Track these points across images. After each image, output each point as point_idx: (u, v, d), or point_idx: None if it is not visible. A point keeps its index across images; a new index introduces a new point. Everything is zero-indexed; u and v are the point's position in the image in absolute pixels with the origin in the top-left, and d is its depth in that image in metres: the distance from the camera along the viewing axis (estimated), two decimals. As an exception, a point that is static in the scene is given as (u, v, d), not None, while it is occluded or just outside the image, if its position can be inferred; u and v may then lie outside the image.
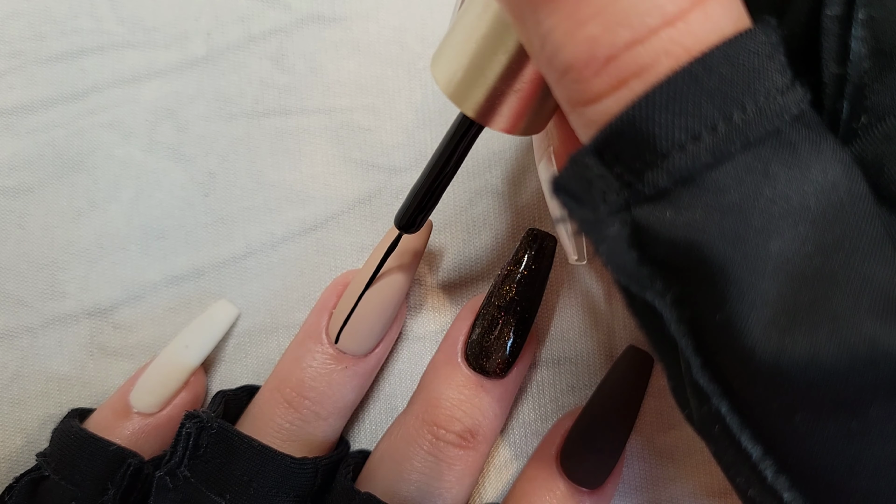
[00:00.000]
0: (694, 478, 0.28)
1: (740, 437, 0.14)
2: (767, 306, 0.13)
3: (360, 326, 0.25)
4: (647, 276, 0.15)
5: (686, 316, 0.14)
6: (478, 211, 0.29)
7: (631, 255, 0.15)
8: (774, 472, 0.14)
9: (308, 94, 0.29)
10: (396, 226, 0.23)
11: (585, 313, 0.28)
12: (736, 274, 0.13)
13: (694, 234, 0.14)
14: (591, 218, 0.15)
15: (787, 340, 0.13)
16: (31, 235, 0.28)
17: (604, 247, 0.14)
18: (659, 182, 0.14)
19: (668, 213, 0.14)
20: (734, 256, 0.13)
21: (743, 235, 0.13)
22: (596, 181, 0.15)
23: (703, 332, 0.14)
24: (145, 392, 0.26)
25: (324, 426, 0.25)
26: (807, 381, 0.13)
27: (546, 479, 0.25)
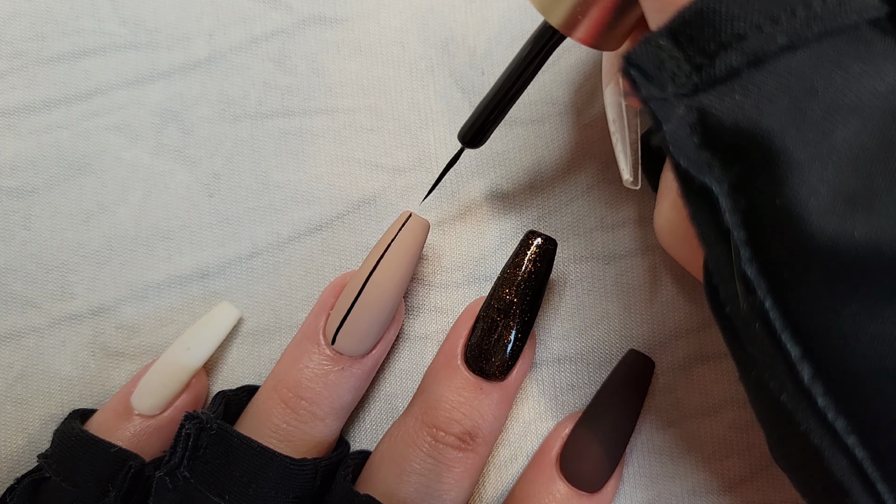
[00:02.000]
0: (693, 475, 0.27)
1: (781, 334, 0.14)
2: (829, 192, 0.13)
3: (356, 327, 0.24)
4: (707, 161, 0.15)
5: (741, 205, 0.14)
6: (481, 211, 0.28)
7: (693, 140, 0.15)
8: (811, 375, 0.14)
9: (311, 96, 0.28)
10: (460, 139, 0.24)
11: (585, 313, 0.28)
12: (799, 158, 0.13)
13: (761, 116, 0.14)
14: (659, 96, 0.15)
15: (848, 225, 0.13)
16: (39, 237, 0.28)
17: (669, 126, 0.15)
18: (732, 62, 0.14)
19: (737, 96, 0.14)
20: (799, 140, 0.13)
21: (810, 121, 0.14)
22: (667, 62, 0.15)
23: (758, 220, 0.14)
24: (147, 394, 0.25)
25: (321, 427, 0.25)
26: (863, 266, 0.13)
27: (545, 483, 0.25)
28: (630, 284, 0.28)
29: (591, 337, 0.28)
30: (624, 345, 0.28)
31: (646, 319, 0.28)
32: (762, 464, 0.27)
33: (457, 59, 0.29)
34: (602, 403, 0.26)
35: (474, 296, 0.28)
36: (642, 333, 0.28)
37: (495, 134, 0.28)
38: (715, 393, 0.28)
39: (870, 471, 0.14)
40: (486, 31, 0.29)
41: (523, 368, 0.26)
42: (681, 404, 0.28)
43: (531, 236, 0.25)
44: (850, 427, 0.14)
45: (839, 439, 0.14)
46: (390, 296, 0.25)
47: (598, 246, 0.28)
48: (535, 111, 0.29)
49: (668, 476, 0.28)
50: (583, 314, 0.28)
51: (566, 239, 0.28)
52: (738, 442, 0.28)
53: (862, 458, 0.14)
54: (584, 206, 0.28)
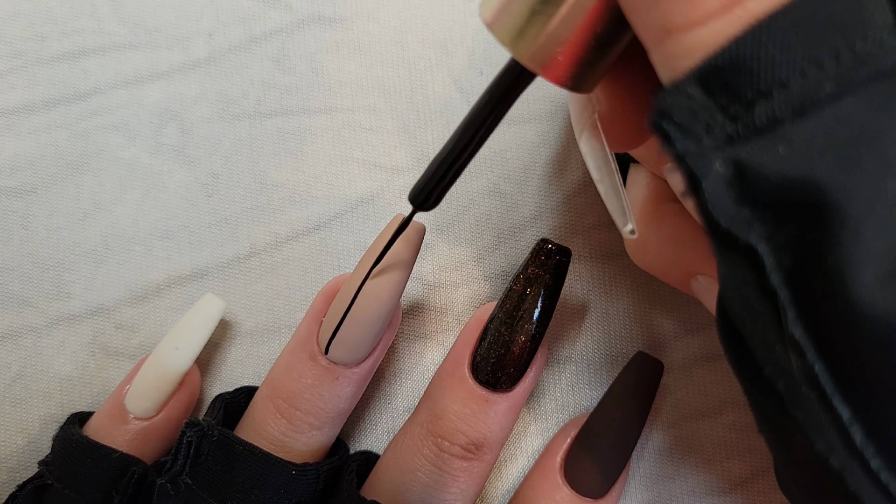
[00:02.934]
0: (693, 476, 0.27)
1: (832, 397, 0.13)
2: (884, 253, 0.12)
3: (350, 337, 0.23)
4: (747, 219, 0.13)
5: (786, 264, 0.13)
6: (480, 211, 0.28)
7: (730, 196, 0.13)
8: (863, 438, 0.13)
9: (310, 95, 0.28)
10: (412, 201, 0.20)
11: (585, 313, 0.28)
12: (854, 213, 0.12)
13: (811, 169, 0.13)
14: (697, 151, 0.13)
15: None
16: (36, 236, 0.28)
17: (707, 183, 0.13)
18: (776, 112, 0.13)
19: (781, 148, 0.13)
20: (851, 194, 0.12)
21: (863, 173, 0.12)
22: (700, 113, 0.13)
23: (804, 280, 0.13)
24: (140, 397, 0.25)
25: (318, 435, 0.24)
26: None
27: (549, 488, 0.25)
28: (629, 284, 0.28)
29: (591, 337, 0.28)
30: (623, 345, 0.28)
31: (645, 319, 0.28)
32: (763, 465, 0.27)
33: (456, 59, 0.29)
34: (608, 408, 0.26)
35: (473, 295, 0.28)
36: (641, 334, 0.28)
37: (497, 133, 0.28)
38: (715, 394, 0.28)
39: None
40: (485, 31, 0.29)
41: (532, 380, 0.25)
42: (681, 405, 0.28)
43: (543, 245, 0.24)
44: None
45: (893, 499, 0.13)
46: (382, 305, 0.23)
47: (597, 245, 0.28)
48: (533, 110, 0.28)
49: (668, 477, 0.27)
50: (581, 314, 0.28)
51: (564, 238, 0.28)
52: (738, 443, 0.27)
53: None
54: (583, 204, 0.28)
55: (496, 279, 0.28)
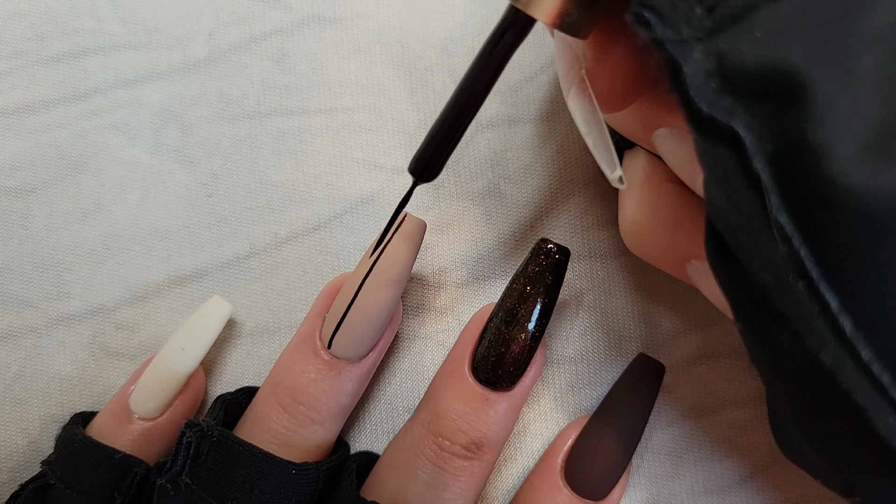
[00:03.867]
0: (692, 475, 0.27)
1: (819, 283, 0.13)
2: (861, 127, 0.12)
3: (352, 331, 0.24)
4: (728, 107, 0.14)
5: (768, 149, 0.13)
6: (480, 211, 0.28)
7: (710, 85, 0.14)
8: (853, 327, 0.13)
9: (309, 95, 0.28)
10: (411, 172, 0.20)
11: (585, 312, 0.28)
12: (829, 89, 0.13)
13: (786, 50, 0.13)
14: (675, 38, 0.14)
15: (882, 163, 0.12)
16: (36, 236, 0.27)
17: (689, 68, 0.14)
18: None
19: (757, 33, 0.13)
20: (827, 71, 0.13)
21: (835, 50, 0.13)
22: (679, 3, 0.14)
23: (786, 163, 0.13)
24: (145, 398, 0.25)
25: (320, 430, 0.24)
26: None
27: (549, 490, 0.25)
28: (628, 283, 0.28)
29: (590, 336, 0.28)
30: (623, 344, 0.28)
31: (644, 318, 0.28)
32: (763, 463, 0.27)
33: (456, 58, 0.29)
34: (609, 409, 0.26)
35: (473, 295, 0.28)
36: (641, 333, 0.28)
37: (493, 133, 0.28)
38: (715, 392, 0.27)
39: None
40: (485, 31, 0.29)
41: (532, 379, 0.25)
42: (680, 404, 0.28)
43: (543, 244, 0.24)
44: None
45: (887, 395, 0.13)
46: (385, 299, 0.24)
47: (596, 244, 0.28)
48: (532, 110, 0.28)
49: (668, 475, 0.27)
50: (581, 313, 0.28)
51: (563, 238, 0.28)
52: (738, 441, 0.27)
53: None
54: (582, 203, 0.28)
55: (496, 279, 0.28)
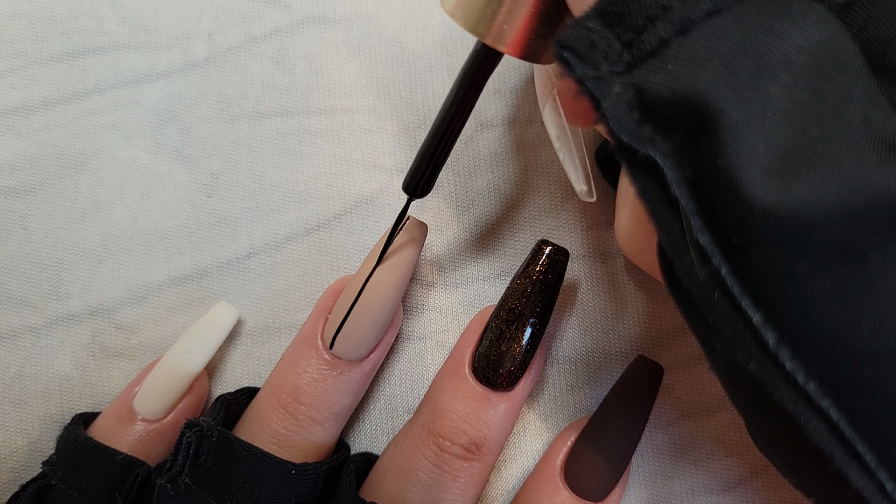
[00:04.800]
0: (692, 475, 0.27)
1: (741, 300, 0.14)
2: (767, 150, 0.13)
3: (354, 332, 0.24)
4: (649, 136, 0.15)
5: (687, 175, 0.14)
6: (479, 211, 0.28)
7: (632, 116, 0.15)
8: (776, 340, 0.13)
9: (309, 95, 0.28)
10: (405, 190, 0.22)
11: (584, 312, 0.28)
12: (735, 117, 0.13)
13: (695, 81, 0.14)
14: (594, 75, 0.15)
15: (788, 184, 0.13)
16: (35, 236, 0.27)
17: (607, 103, 0.14)
18: (661, 33, 0.14)
19: (670, 66, 0.14)
20: (734, 99, 0.14)
21: (742, 79, 0.14)
22: (598, 42, 0.15)
23: (703, 188, 0.14)
24: (149, 399, 0.25)
25: (320, 431, 0.24)
26: (807, 224, 0.13)
27: (549, 491, 0.25)
28: (628, 283, 0.28)
29: (589, 336, 0.28)
30: (622, 344, 0.28)
31: (644, 318, 0.28)
32: (761, 463, 0.27)
33: (455, 58, 0.28)
34: (609, 411, 0.26)
35: (473, 295, 0.28)
36: (641, 332, 0.28)
37: (492, 134, 0.28)
38: (713, 392, 0.27)
39: (847, 432, 0.14)
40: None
41: (531, 379, 0.25)
42: (679, 404, 0.27)
43: (543, 245, 0.24)
44: (822, 389, 0.13)
45: (813, 403, 0.14)
46: (388, 300, 0.24)
47: (595, 244, 0.28)
48: (531, 111, 0.28)
49: (667, 475, 0.27)
50: (580, 313, 0.28)
51: (563, 238, 0.28)
52: (736, 441, 0.27)
53: (838, 419, 0.13)
54: (581, 203, 0.28)
55: (496, 279, 0.28)
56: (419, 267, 0.28)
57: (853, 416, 0.14)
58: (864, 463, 0.14)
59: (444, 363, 0.26)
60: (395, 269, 0.24)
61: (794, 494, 0.27)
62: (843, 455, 0.14)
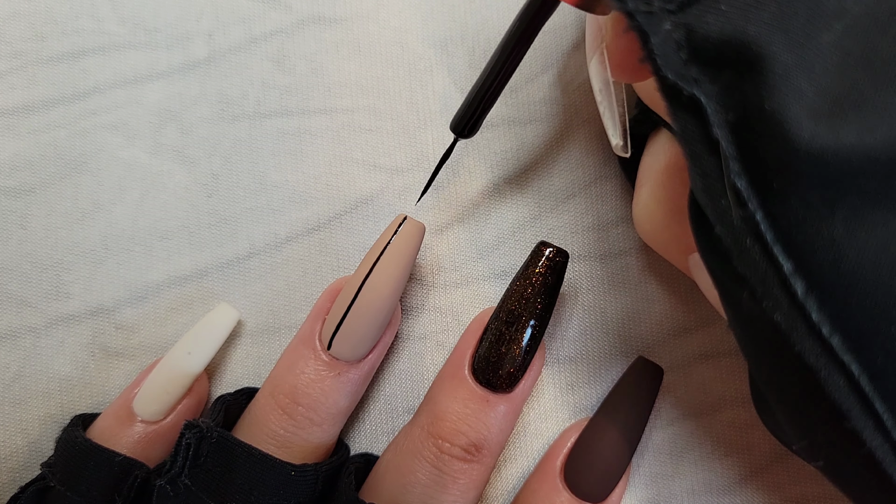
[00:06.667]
0: (692, 474, 0.27)
1: (773, 247, 0.14)
2: (815, 95, 0.13)
3: (352, 333, 0.24)
4: (695, 76, 0.14)
5: (730, 117, 0.14)
6: (480, 211, 0.28)
7: (679, 56, 0.14)
8: (805, 290, 0.13)
9: (309, 95, 0.28)
10: (453, 130, 0.23)
11: (583, 312, 0.28)
12: (786, 61, 0.13)
13: (747, 23, 0.14)
14: (646, 9, 0.15)
15: (836, 128, 0.13)
16: (35, 236, 0.27)
17: (656, 39, 0.14)
18: None
19: (723, 6, 0.14)
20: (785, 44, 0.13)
21: (795, 25, 0.13)
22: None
23: (747, 130, 0.14)
24: (149, 400, 0.25)
25: (318, 432, 0.24)
26: (852, 169, 0.13)
27: (549, 492, 0.25)
28: (628, 283, 0.28)
29: (590, 336, 0.28)
30: (622, 344, 0.28)
31: (644, 318, 0.28)
32: (762, 463, 0.27)
33: (456, 59, 0.28)
34: (608, 412, 0.25)
35: (473, 295, 0.28)
36: (641, 332, 0.28)
37: (493, 134, 0.28)
38: (714, 392, 0.27)
39: (867, 389, 0.13)
40: (485, 31, 0.29)
41: (531, 381, 0.25)
42: (680, 403, 0.27)
43: (542, 247, 0.24)
44: (846, 343, 0.13)
45: (835, 357, 0.13)
46: (385, 301, 0.24)
47: (595, 244, 0.28)
48: (532, 111, 0.28)
49: (668, 475, 0.27)
50: (581, 313, 0.28)
51: (563, 238, 0.28)
52: (737, 441, 0.27)
53: (859, 375, 0.13)
54: (581, 204, 0.28)
55: (496, 279, 0.28)
56: (419, 267, 0.28)
57: (874, 373, 0.13)
58: (882, 422, 0.13)
59: (444, 365, 0.25)
60: (392, 270, 0.24)
61: (795, 493, 0.27)
62: (860, 412, 0.14)
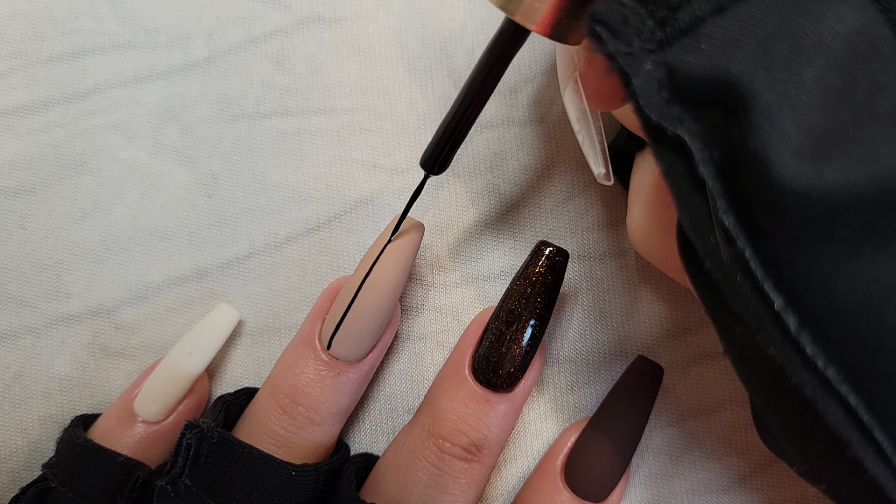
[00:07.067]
0: (692, 474, 0.27)
1: (763, 283, 0.14)
2: (798, 133, 0.13)
3: (351, 332, 0.24)
4: (678, 115, 0.14)
5: (715, 156, 0.14)
6: (480, 211, 0.28)
7: (662, 95, 0.14)
8: (797, 324, 0.13)
9: (309, 95, 0.28)
10: (423, 167, 0.22)
11: (584, 312, 0.28)
12: (768, 98, 0.13)
13: (729, 62, 0.14)
14: (626, 51, 0.14)
15: (820, 167, 0.13)
16: (34, 236, 0.27)
17: (637, 80, 0.14)
18: (696, 11, 0.14)
19: (704, 45, 0.14)
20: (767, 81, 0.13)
21: (777, 61, 0.13)
22: (631, 18, 0.14)
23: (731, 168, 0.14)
24: (150, 401, 0.25)
25: (318, 432, 0.24)
26: (837, 207, 0.13)
27: (549, 492, 0.24)
28: (628, 283, 0.28)
29: (590, 336, 0.28)
30: (622, 344, 0.28)
31: (644, 318, 0.28)
32: (762, 463, 0.27)
33: (455, 59, 0.28)
34: (609, 411, 0.25)
35: (473, 295, 0.28)
36: (640, 332, 0.28)
37: (493, 134, 0.28)
38: (714, 392, 0.27)
39: (866, 418, 0.13)
40: (484, 31, 0.29)
41: (531, 380, 0.25)
42: (679, 403, 0.27)
43: (542, 246, 0.24)
44: (842, 374, 0.13)
45: (832, 388, 0.13)
46: (385, 300, 0.24)
47: (595, 244, 0.28)
48: (531, 112, 0.28)
49: (667, 475, 0.27)
50: (580, 314, 0.28)
51: (563, 238, 0.28)
52: (737, 441, 0.27)
53: (856, 405, 0.13)
54: (581, 204, 0.28)
55: (496, 279, 0.28)
56: (419, 267, 0.28)
57: (872, 402, 0.13)
58: (882, 449, 0.14)
59: (444, 365, 0.25)
60: (391, 269, 0.24)
61: (795, 493, 0.27)
62: (860, 441, 0.14)
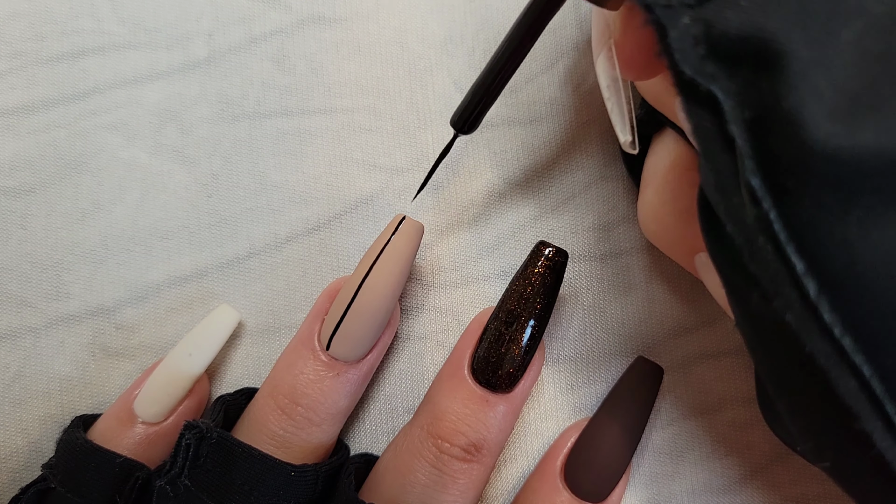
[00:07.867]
0: (692, 474, 0.27)
1: (786, 246, 0.13)
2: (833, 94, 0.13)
3: (351, 333, 0.24)
4: (712, 72, 0.14)
5: (746, 114, 0.14)
6: (480, 210, 0.28)
7: (697, 51, 0.14)
8: (817, 290, 0.13)
9: (309, 95, 0.28)
10: (453, 125, 0.23)
11: (583, 312, 0.28)
12: (804, 57, 0.13)
13: (767, 19, 0.13)
14: (664, 3, 0.14)
15: (853, 129, 0.13)
16: (35, 236, 0.27)
17: (674, 33, 0.14)
18: None
19: (743, 2, 0.14)
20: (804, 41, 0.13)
21: (815, 22, 0.13)
22: None
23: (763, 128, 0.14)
24: (150, 402, 0.25)
25: (317, 432, 0.24)
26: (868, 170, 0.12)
27: (549, 492, 0.24)
28: (628, 283, 0.28)
29: (590, 336, 0.28)
30: (622, 344, 0.28)
31: (644, 318, 0.28)
32: (762, 462, 0.27)
33: (455, 59, 0.28)
34: (608, 412, 0.25)
35: (473, 295, 0.28)
36: (641, 332, 0.28)
37: (493, 134, 0.28)
38: (714, 391, 0.27)
39: (878, 390, 0.13)
40: (485, 31, 0.28)
41: (531, 381, 0.25)
42: (679, 403, 0.27)
43: (542, 247, 0.24)
44: (858, 344, 0.13)
45: (847, 357, 0.13)
46: (384, 301, 0.24)
47: (596, 245, 0.28)
48: (532, 111, 0.28)
49: (668, 475, 0.27)
50: (581, 313, 0.28)
51: (563, 238, 0.28)
52: (737, 440, 0.27)
53: (870, 376, 0.13)
54: (581, 205, 0.28)
55: (496, 279, 0.28)
56: (419, 267, 0.28)
57: (885, 375, 0.13)
58: (892, 423, 0.13)
59: (444, 365, 0.25)
60: (391, 270, 0.24)
61: (795, 493, 0.27)
62: (870, 414, 0.13)
